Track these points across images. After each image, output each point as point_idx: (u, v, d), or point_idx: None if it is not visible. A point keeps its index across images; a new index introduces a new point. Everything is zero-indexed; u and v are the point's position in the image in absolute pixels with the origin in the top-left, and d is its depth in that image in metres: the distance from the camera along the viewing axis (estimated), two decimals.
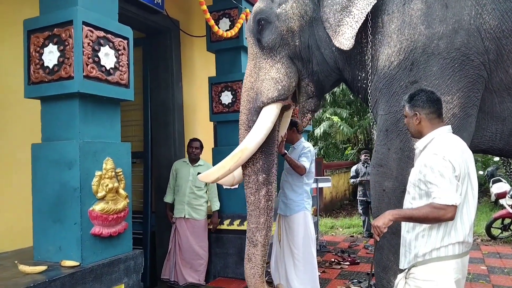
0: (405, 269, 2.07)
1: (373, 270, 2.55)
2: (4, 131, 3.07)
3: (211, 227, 4.54)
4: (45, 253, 2.53)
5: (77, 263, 2.39)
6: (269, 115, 2.91)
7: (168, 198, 4.56)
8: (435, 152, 1.94)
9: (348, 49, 2.58)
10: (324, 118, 14.09)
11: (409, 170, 2.17)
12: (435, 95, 2.09)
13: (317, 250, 5.84)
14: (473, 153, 2.16)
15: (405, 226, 2.10)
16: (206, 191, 4.53)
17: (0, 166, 3.03)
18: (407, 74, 2.46)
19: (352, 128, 13.28)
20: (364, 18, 2.52)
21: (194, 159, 4.50)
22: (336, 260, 5.25)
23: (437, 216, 1.85)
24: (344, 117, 13.45)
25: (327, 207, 10.20)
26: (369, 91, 2.66)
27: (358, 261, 5.23)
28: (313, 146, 14.28)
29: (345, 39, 2.57)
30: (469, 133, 2.43)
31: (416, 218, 1.93)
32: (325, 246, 6.07)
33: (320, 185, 6.31)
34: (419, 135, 2.11)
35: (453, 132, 2.29)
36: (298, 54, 2.89)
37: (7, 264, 2.50)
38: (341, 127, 13.17)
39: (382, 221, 1.94)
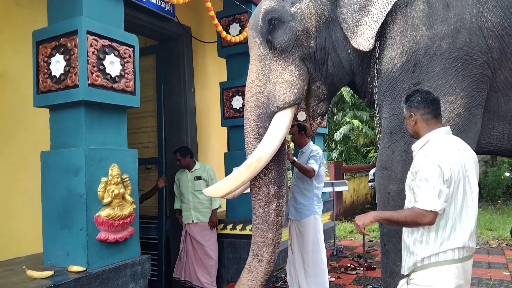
0: (406, 274, 2.01)
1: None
2: (17, 139, 3.16)
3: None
4: (54, 258, 2.59)
5: (83, 268, 2.43)
6: (284, 120, 2.74)
7: (176, 205, 4.68)
8: (425, 155, 1.90)
9: (367, 50, 2.50)
10: (344, 122, 13.96)
11: None
12: (431, 95, 2.03)
13: (333, 255, 5.80)
14: (482, 154, 2.08)
15: (405, 230, 2.05)
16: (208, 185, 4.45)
17: (13, 173, 3.12)
18: (410, 76, 2.42)
19: (373, 130, 13.10)
20: (384, 17, 2.44)
21: (186, 167, 4.55)
22: (352, 266, 5.16)
23: (415, 221, 1.85)
24: (364, 119, 13.28)
25: (347, 211, 10.05)
26: (375, 94, 2.62)
27: (375, 266, 5.12)
28: (333, 150, 14.06)
29: (364, 39, 2.49)
30: (474, 133, 2.37)
31: (396, 221, 1.93)
32: (341, 251, 5.98)
33: (336, 188, 6.24)
34: (417, 136, 2.06)
35: (458, 133, 2.24)
36: (312, 55, 2.77)
37: (18, 269, 2.57)
38: (363, 130, 13.01)
39: (363, 221, 1.96)
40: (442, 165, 1.84)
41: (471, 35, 2.30)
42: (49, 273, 2.35)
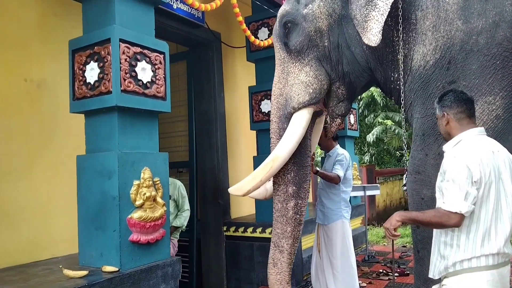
0: (436, 279, 1.97)
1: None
2: (54, 144, 3.30)
3: None
4: (88, 259, 2.68)
5: (116, 269, 2.50)
6: (300, 120, 2.79)
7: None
8: (454, 155, 1.85)
9: (375, 45, 2.42)
10: (376, 123, 13.70)
11: None
12: (465, 95, 1.98)
13: (365, 260, 5.70)
14: None
15: (435, 232, 2.00)
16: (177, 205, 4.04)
17: (51, 177, 3.25)
18: (444, 74, 2.32)
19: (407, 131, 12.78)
20: (388, 9, 2.36)
21: None
22: (384, 271, 5.05)
23: (440, 222, 1.82)
24: (397, 120, 12.98)
25: (380, 216, 9.84)
26: (402, 93, 2.55)
27: (408, 272, 4.99)
28: (365, 153, 13.84)
29: (372, 34, 2.41)
30: None
31: (421, 221, 1.92)
32: (373, 256, 5.87)
33: (368, 193, 6.14)
34: (449, 137, 2.00)
35: (497, 136, 2.15)
36: (327, 55, 2.77)
37: (55, 269, 2.68)
38: (396, 131, 12.70)
39: (390, 222, 1.97)
40: (471, 165, 1.79)
41: None
42: (84, 272, 2.43)
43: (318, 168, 3.63)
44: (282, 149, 2.76)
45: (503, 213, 1.84)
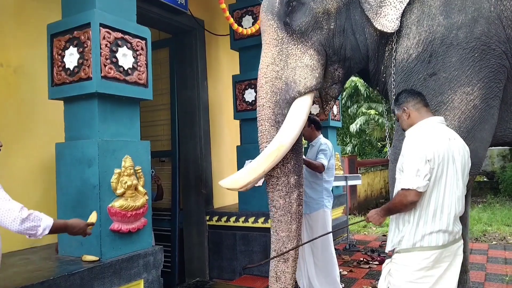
0: (390, 250, 2.18)
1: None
2: (32, 131, 3.21)
3: None
4: (68, 248, 2.64)
5: (97, 258, 2.47)
6: (304, 106, 2.64)
7: None
8: (411, 136, 2.03)
9: (392, 31, 2.43)
10: (359, 113, 13.81)
11: None
12: (415, 91, 2.21)
13: (346, 249, 5.77)
14: (497, 146, 2.12)
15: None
16: None
17: (29, 165, 3.17)
18: (425, 67, 2.37)
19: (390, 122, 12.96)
20: None
21: None
22: (364, 260, 5.13)
23: (401, 201, 1.99)
24: (380, 111, 13.10)
25: (361, 206, 9.99)
26: (388, 85, 2.57)
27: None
28: (347, 144, 13.97)
29: (388, 20, 2.42)
30: (491, 125, 2.32)
31: (392, 209, 2.08)
32: (354, 245, 5.95)
33: (350, 182, 6.18)
34: None
35: (474, 125, 2.30)
36: (331, 38, 2.67)
37: (34, 258, 2.64)
38: (380, 121, 12.83)
39: (379, 222, 2.18)
40: (424, 145, 1.95)
41: (489, 25, 2.23)
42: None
43: (304, 156, 3.63)
44: (287, 136, 2.57)
45: (452, 194, 2.01)
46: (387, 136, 2.89)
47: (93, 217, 2.20)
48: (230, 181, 2.66)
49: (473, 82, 2.26)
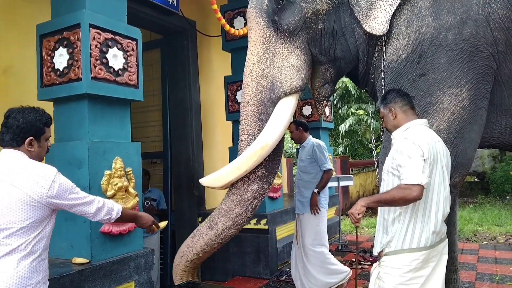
0: (378, 252, 2.17)
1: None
2: None
3: None
4: (58, 250, 2.60)
5: (87, 260, 2.45)
6: (289, 106, 2.66)
7: None
8: (406, 137, 2.02)
9: (381, 34, 2.46)
10: (349, 114, 13.87)
11: None
12: (403, 91, 2.21)
13: (338, 249, 5.79)
14: (483, 147, 2.14)
15: (382, 211, 2.17)
16: None
17: None
18: (414, 67, 2.39)
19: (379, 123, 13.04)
20: (399, 1, 2.41)
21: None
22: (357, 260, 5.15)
23: (403, 196, 1.92)
24: (370, 112, 13.16)
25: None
26: (377, 86, 2.59)
27: None
28: (338, 144, 13.99)
29: (377, 23, 2.44)
30: (479, 126, 2.34)
31: (385, 201, 2.03)
32: (347, 245, 5.97)
33: (342, 183, 6.21)
34: (395, 129, 2.19)
35: (463, 126, 2.33)
36: (319, 39, 2.69)
37: None
38: (369, 122, 12.89)
39: (355, 208, 2.05)
40: (421, 145, 1.96)
41: (477, 27, 2.26)
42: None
43: (315, 190, 3.67)
44: (271, 136, 2.59)
45: (440, 195, 2.03)
46: (382, 138, 2.90)
47: (163, 224, 2.47)
48: (211, 179, 2.69)
49: (462, 83, 2.28)
